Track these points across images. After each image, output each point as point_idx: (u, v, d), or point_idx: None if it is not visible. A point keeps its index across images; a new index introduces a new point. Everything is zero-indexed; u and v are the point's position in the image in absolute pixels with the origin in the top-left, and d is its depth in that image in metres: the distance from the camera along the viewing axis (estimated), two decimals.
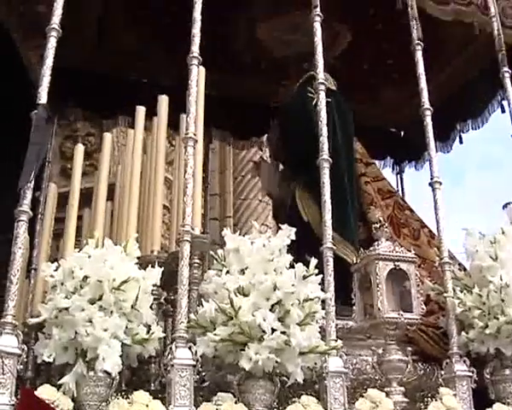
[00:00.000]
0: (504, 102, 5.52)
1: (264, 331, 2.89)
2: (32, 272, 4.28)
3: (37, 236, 5.26)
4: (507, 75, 4.53)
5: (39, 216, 5.53)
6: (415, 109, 5.61)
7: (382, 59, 5.79)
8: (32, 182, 2.97)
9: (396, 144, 6.81)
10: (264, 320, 2.89)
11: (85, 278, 2.84)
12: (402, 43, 4.72)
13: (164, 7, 5.14)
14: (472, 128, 6.22)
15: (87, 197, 3.79)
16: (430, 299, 3.99)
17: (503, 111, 5.74)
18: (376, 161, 6.30)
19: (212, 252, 3.28)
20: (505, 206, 5.06)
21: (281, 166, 5.48)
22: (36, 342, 3.00)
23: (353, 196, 4.79)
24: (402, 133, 6.86)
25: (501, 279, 3.57)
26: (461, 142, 6.33)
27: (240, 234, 3.29)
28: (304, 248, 3.60)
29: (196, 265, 3.31)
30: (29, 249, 4.07)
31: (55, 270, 2.97)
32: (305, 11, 4.23)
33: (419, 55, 4.24)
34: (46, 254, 3.75)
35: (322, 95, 3.80)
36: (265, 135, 6.20)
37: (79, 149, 3.63)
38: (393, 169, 6.79)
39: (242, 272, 3.08)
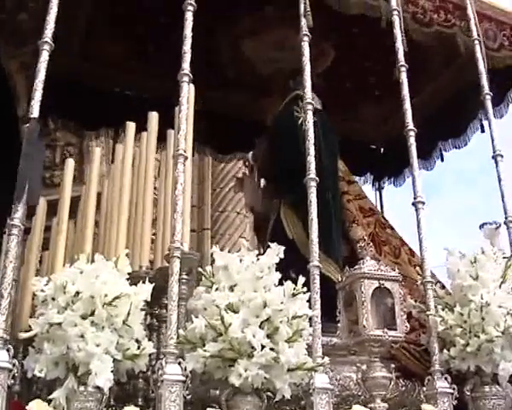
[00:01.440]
0: (485, 122, 5.70)
1: (253, 348, 2.93)
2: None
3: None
4: (488, 98, 4.64)
5: None
6: (395, 126, 5.76)
7: (364, 76, 5.89)
8: (25, 196, 2.99)
9: (376, 161, 6.89)
10: (254, 337, 2.92)
11: (77, 293, 2.86)
12: (384, 60, 4.82)
13: (150, 21, 5.19)
14: (453, 147, 6.33)
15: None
16: (412, 316, 4.06)
17: (483, 131, 5.90)
18: (356, 177, 6.39)
19: (200, 269, 3.31)
20: (482, 226, 5.18)
21: (263, 182, 5.54)
22: (23, 356, 3.03)
23: (337, 214, 4.86)
24: (382, 150, 6.94)
25: (482, 298, 3.66)
26: (442, 160, 6.43)
27: (217, 246, 3.34)
28: (288, 265, 3.64)
29: (185, 281, 3.33)
30: None
31: (45, 284, 2.99)
32: (290, 28, 4.30)
33: (403, 77, 4.30)
34: (34, 268, 3.74)
35: (310, 114, 3.84)
36: (248, 150, 6.24)
37: (70, 163, 3.65)
38: (373, 185, 6.87)
39: (231, 288, 3.12)
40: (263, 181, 5.59)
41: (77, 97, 5.63)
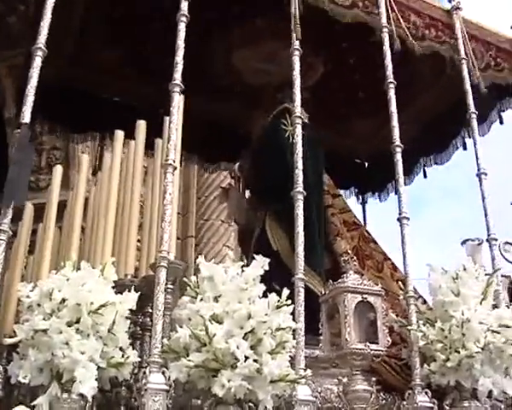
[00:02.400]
0: (467, 140, 5.79)
1: (236, 359, 2.95)
2: None
3: None
4: (474, 116, 4.71)
5: None
6: (380, 141, 5.81)
7: (352, 91, 5.94)
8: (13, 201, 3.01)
9: (360, 175, 6.92)
10: (238, 348, 2.94)
11: (63, 300, 2.87)
12: (373, 75, 4.88)
13: (142, 29, 5.21)
14: (435, 163, 6.37)
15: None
16: (393, 331, 4.09)
17: (465, 148, 5.98)
18: (341, 191, 6.43)
19: (185, 279, 3.33)
20: (464, 242, 5.24)
21: (248, 194, 5.56)
22: (7, 361, 3.03)
23: (321, 227, 4.89)
24: (366, 164, 6.97)
25: (462, 314, 3.71)
26: (425, 176, 6.48)
27: (202, 255, 3.36)
28: (272, 276, 3.66)
29: (170, 290, 3.35)
30: None
31: (31, 290, 3.00)
32: (280, 41, 4.34)
33: (392, 94, 4.37)
34: (20, 273, 3.74)
35: (299, 128, 3.89)
36: (234, 161, 6.26)
37: (58, 170, 3.66)
38: (358, 199, 6.89)
39: (216, 299, 3.14)
40: (248, 192, 5.60)
41: (65, 102, 5.61)
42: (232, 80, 5.76)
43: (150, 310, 3.43)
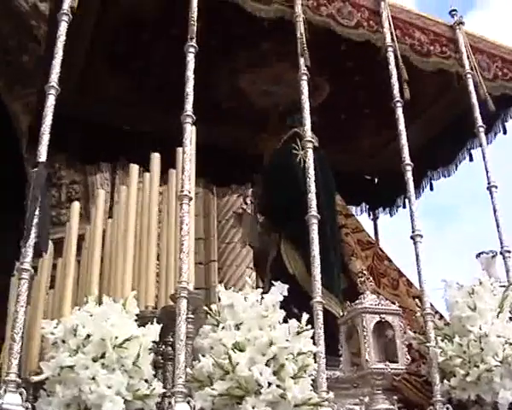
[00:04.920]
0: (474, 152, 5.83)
1: (260, 385, 2.99)
2: None
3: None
4: (481, 130, 4.76)
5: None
6: (388, 157, 5.85)
7: (359, 108, 5.99)
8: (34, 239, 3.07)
9: (370, 191, 6.96)
10: (261, 375, 2.99)
11: (88, 336, 2.92)
12: (378, 92, 4.92)
13: (149, 58, 5.27)
14: (442, 176, 6.41)
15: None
16: (412, 347, 4.13)
17: (471, 160, 6.02)
18: (352, 208, 6.47)
19: (206, 307, 3.37)
20: (479, 255, 5.25)
21: (261, 218, 5.60)
22: (33, 398, 3.08)
23: (336, 249, 4.93)
24: (376, 180, 7.01)
25: (480, 329, 3.75)
26: (431, 189, 6.52)
27: (224, 278, 3.41)
28: (290, 300, 3.70)
29: (190, 320, 3.39)
30: None
31: (55, 327, 3.05)
32: (286, 64, 4.37)
33: (399, 113, 4.43)
34: (42, 309, 3.79)
35: (310, 152, 3.94)
36: (245, 183, 6.32)
37: (75, 206, 3.72)
38: (369, 215, 6.91)
39: (237, 327, 3.19)
40: (261, 217, 5.65)
41: (75, 132, 5.66)
42: (239, 103, 5.81)
43: (171, 339, 3.49)
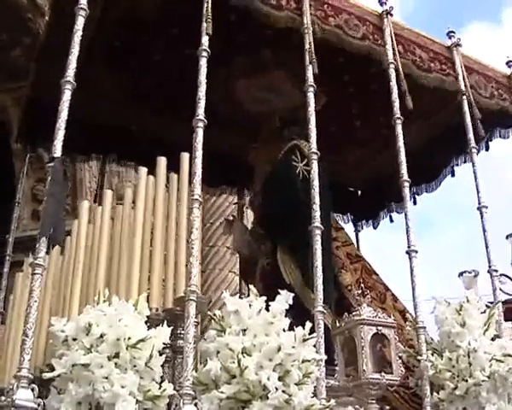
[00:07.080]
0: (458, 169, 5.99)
1: (266, 390, 3.06)
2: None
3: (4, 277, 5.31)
4: (474, 151, 4.89)
5: (7, 258, 5.57)
6: (373, 169, 5.96)
7: (350, 120, 6.10)
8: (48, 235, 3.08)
9: (353, 203, 7.03)
10: (269, 380, 3.06)
11: (101, 335, 2.96)
12: (371, 105, 5.02)
13: (149, 59, 5.30)
14: (426, 191, 6.52)
15: None
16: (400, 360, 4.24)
17: (453, 175, 6.19)
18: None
19: (209, 313, 3.43)
20: (461, 274, 5.42)
21: (250, 225, 5.67)
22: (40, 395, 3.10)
23: (329, 260, 5.01)
24: (359, 193, 7.09)
25: (469, 344, 3.88)
26: (415, 203, 6.62)
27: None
28: (286, 309, 3.78)
29: (195, 323, 3.45)
30: None
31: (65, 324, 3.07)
32: (282, 72, 4.43)
33: (399, 130, 4.52)
34: (48, 305, 3.79)
35: (315, 164, 4.01)
36: (233, 186, 6.37)
37: (85, 206, 3.75)
38: (355, 227, 6.98)
39: (243, 332, 3.26)
40: (250, 224, 5.71)
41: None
42: (232, 109, 5.83)
43: (171, 342, 3.53)
